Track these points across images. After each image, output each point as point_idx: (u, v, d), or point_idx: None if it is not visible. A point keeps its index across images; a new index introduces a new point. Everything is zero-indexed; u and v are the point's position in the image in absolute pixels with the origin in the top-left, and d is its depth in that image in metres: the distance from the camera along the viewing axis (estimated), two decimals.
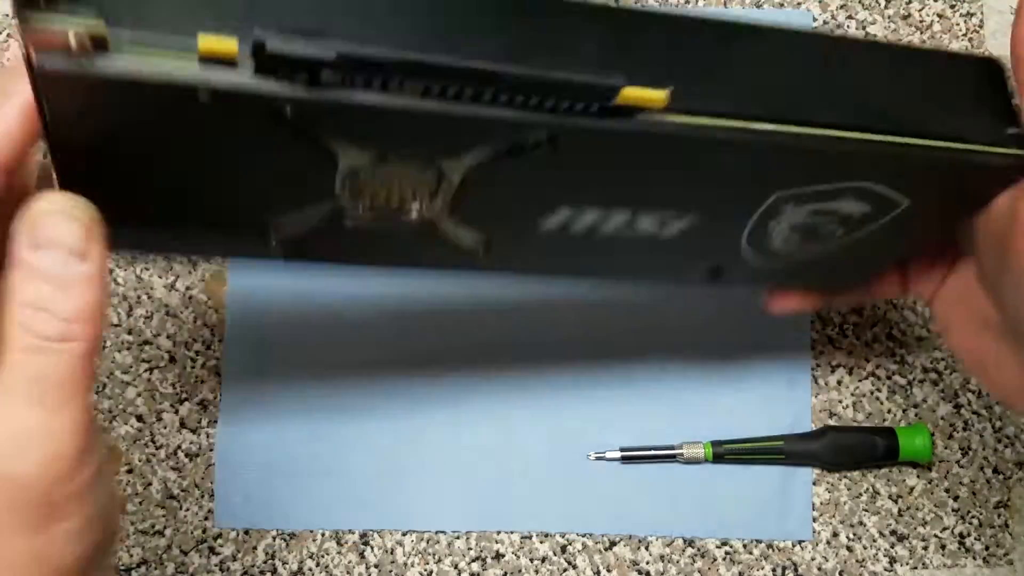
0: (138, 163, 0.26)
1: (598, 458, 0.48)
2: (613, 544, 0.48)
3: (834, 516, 0.48)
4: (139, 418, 0.48)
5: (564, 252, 0.34)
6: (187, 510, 0.48)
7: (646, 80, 0.26)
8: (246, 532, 0.48)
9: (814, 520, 0.48)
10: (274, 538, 0.48)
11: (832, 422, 0.49)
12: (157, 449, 0.48)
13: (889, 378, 0.49)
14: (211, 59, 0.23)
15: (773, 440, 0.47)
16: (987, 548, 0.49)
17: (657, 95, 0.27)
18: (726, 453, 0.48)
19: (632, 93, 0.26)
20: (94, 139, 0.25)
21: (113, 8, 0.23)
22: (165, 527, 0.48)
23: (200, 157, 0.27)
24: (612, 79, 0.26)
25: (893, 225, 0.34)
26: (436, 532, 0.48)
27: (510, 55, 0.25)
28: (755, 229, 0.35)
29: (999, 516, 0.49)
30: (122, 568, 0.48)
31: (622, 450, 0.48)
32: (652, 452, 0.48)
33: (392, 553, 0.48)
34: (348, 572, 0.48)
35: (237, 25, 0.23)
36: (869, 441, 0.47)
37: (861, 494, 0.49)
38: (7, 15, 0.49)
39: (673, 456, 0.48)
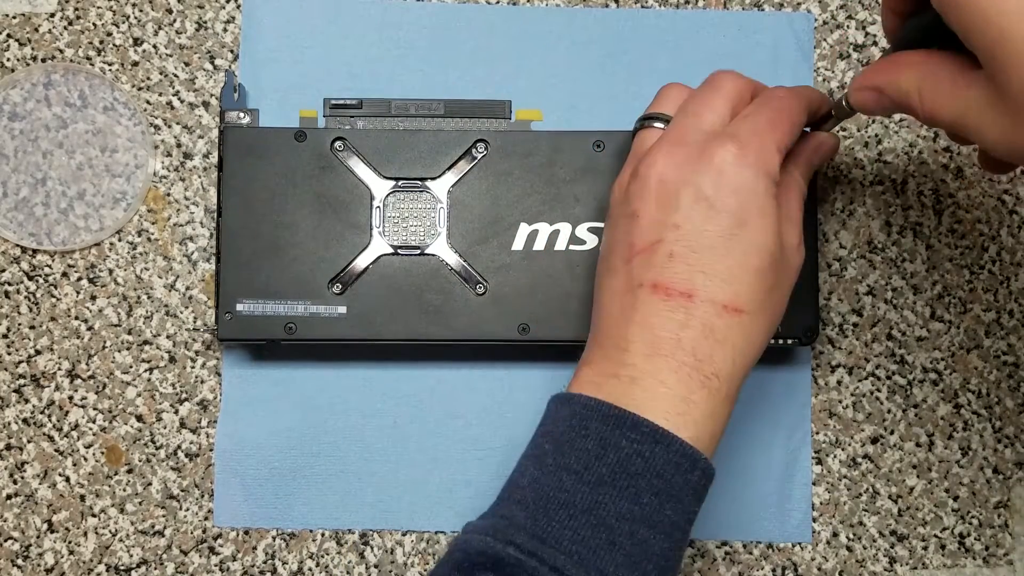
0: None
1: None
2: None
3: (834, 516, 0.48)
4: (139, 418, 0.48)
5: (539, 273, 0.45)
6: (187, 510, 0.48)
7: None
8: (246, 532, 0.48)
9: (814, 520, 0.48)
10: (274, 538, 0.48)
11: (832, 422, 0.49)
12: (157, 449, 0.48)
13: (889, 378, 0.49)
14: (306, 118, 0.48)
15: None
16: (987, 548, 0.49)
17: (536, 112, 0.49)
18: None
19: (521, 112, 0.49)
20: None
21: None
22: (165, 527, 0.48)
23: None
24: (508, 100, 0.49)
25: None
26: (436, 532, 0.48)
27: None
28: None
29: (999, 516, 0.49)
30: (122, 568, 0.48)
31: None
32: None
33: (392, 553, 0.48)
34: (348, 572, 0.48)
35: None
36: None
37: (861, 494, 0.49)
38: (7, 15, 0.49)
39: None
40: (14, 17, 0.49)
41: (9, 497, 0.48)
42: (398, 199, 0.46)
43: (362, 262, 0.45)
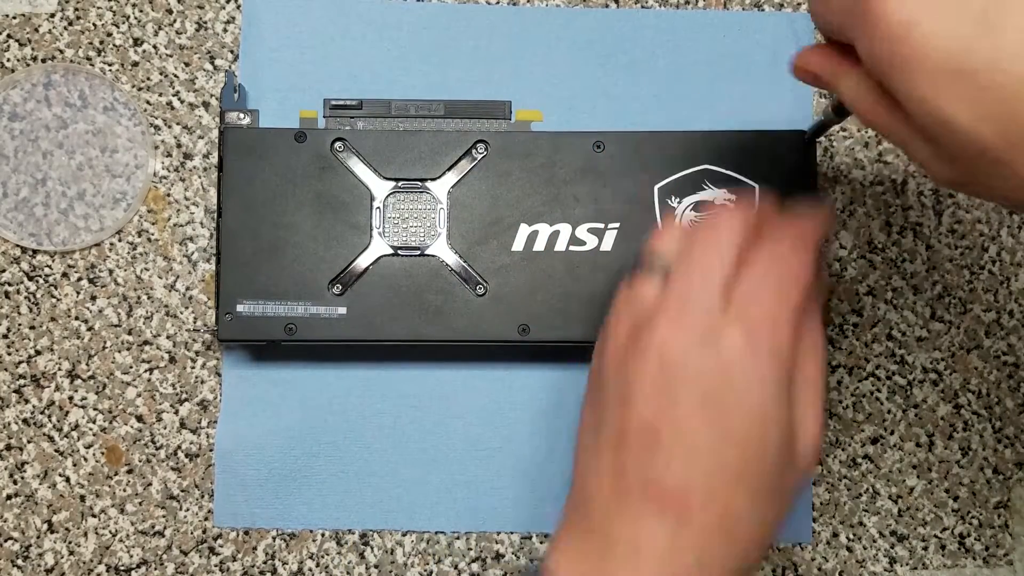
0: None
1: None
2: None
3: (834, 516, 0.49)
4: (139, 418, 0.48)
5: (540, 273, 0.45)
6: (187, 510, 0.48)
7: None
8: (246, 532, 0.48)
9: (814, 520, 0.48)
10: (274, 538, 0.48)
11: (832, 422, 0.49)
12: (157, 449, 0.48)
13: (889, 378, 0.49)
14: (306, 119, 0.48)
15: None
16: (987, 548, 0.49)
17: (536, 112, 0.49)
18: None
19: (522, 112, 0.49)
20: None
21: None
22: (165, 527, 0.48)
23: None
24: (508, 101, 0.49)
25: None
26: (436, 532, 0.48)
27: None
28: None
29: (999, 516, 0.49)
30: (122, 568, 0.48)
31: None
32: None
33: (392, 553, 0.48)
34: (348, 572, 0.48)
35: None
36: None
37: (861, 494, 0.49)
38: (7, 15, 0.49)
39: None
40: (14, 17, 0.49)
41: (9, 497, 0.48)
42: (398, 200, 0.46)
43: (362, 263, 0.45)
